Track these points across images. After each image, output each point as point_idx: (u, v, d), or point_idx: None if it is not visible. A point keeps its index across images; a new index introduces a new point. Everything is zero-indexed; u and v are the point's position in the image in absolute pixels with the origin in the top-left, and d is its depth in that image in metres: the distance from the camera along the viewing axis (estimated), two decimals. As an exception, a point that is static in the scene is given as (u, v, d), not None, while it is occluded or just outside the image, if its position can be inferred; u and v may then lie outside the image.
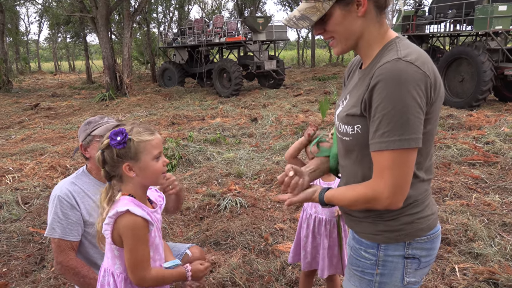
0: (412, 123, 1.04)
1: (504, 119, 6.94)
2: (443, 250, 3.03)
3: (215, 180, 4.88)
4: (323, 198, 1.27)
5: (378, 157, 1.09)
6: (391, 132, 1.05)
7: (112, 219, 1.34)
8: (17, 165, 5.44)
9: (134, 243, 1.35)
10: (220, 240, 3.32)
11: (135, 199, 1.40)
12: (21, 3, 24.52)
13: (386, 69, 1.06)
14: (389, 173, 1.08)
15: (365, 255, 1.24)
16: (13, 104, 12.95)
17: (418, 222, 1.19)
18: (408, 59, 1.06)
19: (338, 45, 1.21)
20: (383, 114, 1.05)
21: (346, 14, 1.13)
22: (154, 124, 8.45)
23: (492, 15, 8.67)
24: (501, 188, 4.30)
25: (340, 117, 1.23)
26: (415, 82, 1.04)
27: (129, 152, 1.36)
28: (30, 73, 30.12)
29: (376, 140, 1.08)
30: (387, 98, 1.04)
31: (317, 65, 25.49)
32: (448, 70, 9.55)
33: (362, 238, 1.26)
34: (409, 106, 1.04)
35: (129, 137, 1.36)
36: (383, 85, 1.05)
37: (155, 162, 1.41)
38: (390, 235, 1.19)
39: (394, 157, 1.06)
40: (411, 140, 1.05)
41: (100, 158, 1.37)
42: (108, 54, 13.91)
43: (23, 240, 3.41)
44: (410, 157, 1.07)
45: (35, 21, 57.19)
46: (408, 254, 1.20)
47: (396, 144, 1.05)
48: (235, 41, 13.81)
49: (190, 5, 27.78)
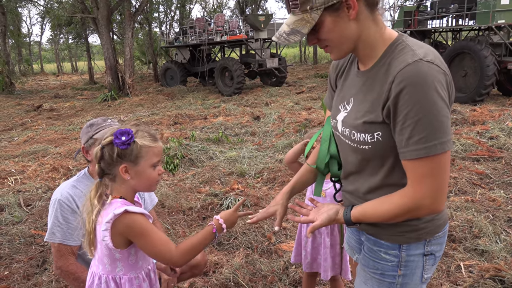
0: (446, 125, 1.01)
1: (508, 113, 6.86)
2: (448, 247, 2.99)
3: (218, 179, 4.86)
4: (350, 217, 1.21)
5: (415, 164, 1.04)
6: (429, 137, 1.00)
7: (110, 223, 1.30)
8: (19, 167, 5.45)
9: (146, 235, 1.33)
10: (223, 240, 3.30)
11: (127, 200, 1.38)
12: (22, 5, 24.61)
13: (410, 73, 1.01)
14: (430, 180, 1.04)
15: (386, 257, 1.21)
16: (16, 106, 12.99)
17: (437, 219, 1.18)
18: (429, 59, 1.02)
19: (334, 52, 1.15)
20: (418, 120, 1.00)
21: (337, 19, 1.07)
22: (157, 124, 8.44)
23: (494, 9, 8.59)
24: (506, 183, 4.26)
25: (353, 125, 1.16)
26: (439, 82, 1.01)
27: (130, 154, 1.33)
28: (32, 74, 30.21)
29: (412, 148, 1.02)
30: (419, 103, 0.99)
31: (319, 62, 25.42)
32: (451, 65, 9.47)
33: (381, 239, 1.21)
34: (441, 108, 1.00)
35: (134, 139, 1.33)
36: (412, 90, 1.00)
37: (152, 169, 1.38)
38: (412, 235, 1.17)
39: (434, 162, 1.02)
40: (448, 142, 1.02)
41: (98, 154, 1.34)
42: (110, 55, 13.91)
43: (25, 243, 3.40)
44: (448, 160, 1.04)
45: (37, 22, 57.37)
46: (427, 251, 1.19)
47: (437, 148, 1.01)
48: (237, 39, 13.78)
49: (191, 4, 27.78)
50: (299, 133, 6.86)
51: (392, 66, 1.06)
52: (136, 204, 1.47)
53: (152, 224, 1.38)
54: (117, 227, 1.31)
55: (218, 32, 14.36)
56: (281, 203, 1.46)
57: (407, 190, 1.08)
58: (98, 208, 1.34)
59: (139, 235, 1.32)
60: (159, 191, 4.32)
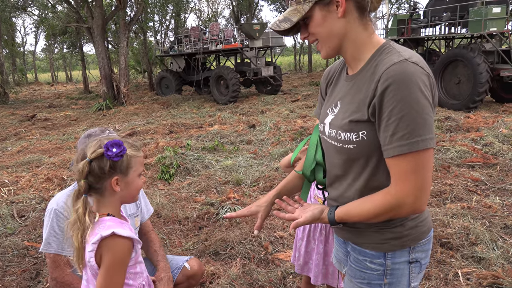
0: (429, 123, 1.04)
1: (502, 120, 6.92)
2: (446, 255, 2.98)
3: (214, 188, 4.83)
4: (334, 217, 1.21)
5: (399, 161, 1.05)
6: (412, 134, 1.02)
7: (96, 244, 1.26)
8: (13, 178, 5.39)
9: (113, 265, 1.27)
10: (219, 250, 3.27)
11: (115, 217, 1.34)
12: (17, 15, 24.59)
13: (395, 71, 1.04)
14: (413, 177, 1.05)
15: (371, 266, 1.21)
16: (10, 115, 12.90)
17: (421, 225, 1.18)
18: (413, 61, 1.06)
19: (322, 48, 1.20)
20: (401, 116, 1.02)
21: (327, 14, 1.13)
22: (152, 133, 8.41)
23: (486, 17, 8.70)
24: (501, 190, 4.27)
25: (339, 125, 1.18)
26: (423, 82, 1.04)
27: (122, 165, 1.32)
28: (27, 84, 30.10)
29: (396, 144, 1.04)
30: (403, 100, 1.02)
31: (314, 70, 25.56)
32: (444, 73, 9.57)
33: (366, 249, 1.22)
34: (425, 106, 1.03)
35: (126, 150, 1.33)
36: (396, 87, 1.03)
37: (138, 178, 1.39)
38: (396, 242, 1.17)
39: (417, 159, 1.04)
40: (431, 139, 1.04)
41: (85, 168, 1.28)
42: (105, 64, 13.90)
43: (18, 255, 3.35)
44: (430, 158, 1.06)
45: (31, 32, 57.28)
46: (412, 259, 1.19)
47: (419, 145, 1.02)
48: (232, 48, 13.83)
49: (186, 14, 27.90)
50: (295, 141, 6.86)
51: (379, 67, 1.09)
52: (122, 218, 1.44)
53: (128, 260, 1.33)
54: (101, 248, 1.27)
55: (213, 41, 14.41)
56: (265, 206, 1.46)
57: (390, 188, 1.09)
58: (91, 225, 1.29)
59: (111, 262, 1.27)
60: (154, 200, 4.29)
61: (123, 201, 1.40)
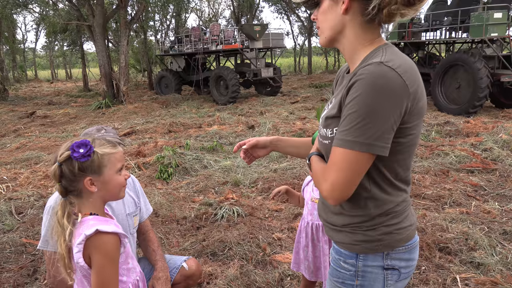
0: (374, 130, 1.01)
1: (502, 125, 6.93)
2: (444, 260, 2.98)
3: (212, 188, 4.82)
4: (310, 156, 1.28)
5: (332, 152, 1.10)
6: (348, 132, 1.04)
7: (82, 244, 1.25)
8: (11, 174, 5.37)
9: (105, 264, 1.26)
10: (217, 250, 3.25)
11: (98, 216, 1.32)
12: (18, 12, 24.55)
13: (366, 70, 1.04)
14: (334, 170, 1.08)
15: (345, 266, 1.23)
16: (9, 112, 12.87)
17: (396, 233, 1.17)
18: (390, 64, 1.03)
19: (320, 35, 1.23)
20: (349, 114, 1.04)
21: (333, 6, 1.15)
22: (151, 132, 8.40)
23: (487, 22, 8.71)
24: (500, 195, 4.27)
25: (322, 121, 1.24)
26: (391, 89, 1.01)
27: (92, 165, 1.28)
28: (26, 81, 30.03)
29: (337, 136, 1.09)
30: (356, 99, 1.03)
31: (313, 72, 25.58)
32: (444, 77, 9.58)
33: (341, 248, 1.24)
34: (377, 112, 1.01)
35: (94, 149, 1.29)
36: (358, 86, 1.03)
37: (118, 175, 1.35)
38: (368, 245, 1.17)
39: (344, 156, 1.06)
40: (366, 145, 1.03)
41: (57, 172, 1.26)
42: (105, 62, 13.89)
43: (16, 252, 3.34)
44: (360, 161, 1.05)
45: (32, 29, 57.21)
46: (387, 265, 1.18)
47: (347, 144, 1.05)
48: (232, 48, 13.84)
49: (187, 14, 27.89)
50: (294, 142, 6.84)
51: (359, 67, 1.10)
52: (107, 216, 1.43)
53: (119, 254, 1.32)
54: (88, 248, 1.26)
55: (214, 41, 14.41)
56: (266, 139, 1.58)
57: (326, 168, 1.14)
58: (70, 229, 1.27)
59: (101, 259, 1.26)
60: (152, 199, 4.28)
61: (106, 199, 1.38)
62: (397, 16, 1.09)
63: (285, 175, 5.05)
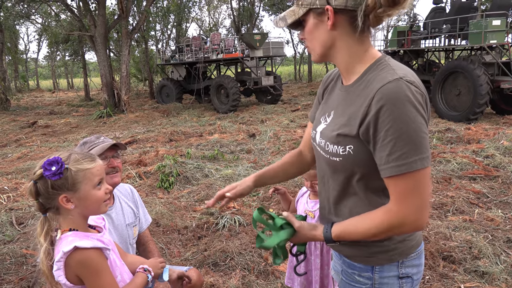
0: (425, 142, 1.03)
1: (503, 132, 6.92)
2: (448, 269, 2.95)
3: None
4: (330, 235, 1.19)
5: (397, 181, 1.05)
6: (410, 153, 1.01)
7: (61, 262, 1.22)
8: (12, 184, 5.36)
9: (96, 277, 1.25)
10: (219, 260, 3.23)
11: (78, 231, 1.29)
12: (20, 23, 24.77)
13: (389, 90, 1.02)
14: (413, 196, 1.04)
15: (360, 280, 1.21)
16: (11, 122, 12.90)
17: (409, 240, 1.18)
18: (408, 79, 1.04)
19: (312, 53, 1.21)
20: (398, 136, 1.01)
21: (318, 23, 1.14)
22: (152, 141, 8.40)
23: (486, 30, 8.75)
24: (503, 202, 4.25)
25: (328, 136, 1.18)
26: (418, 101, 1.03)
27: (65, 183, 1.25)
28: (28, 91, 30.19)
29: (393, 164, 1.03)
30: (399, 119, 1.00)
31: (314, 80, 25.65)
32: (444, 84, 9.60)
33: (354, 262, 1.22)
34: (421, 125, 1.02)
35: (66, 166, 1.25)
36: (391, 107, 1.01)
37: (96, 190, 1.30)
38: (384, 256, 1.17)
39: (416, 178, 1.03)
40: (427, 158, 1.04)
41: (32, 190, 1.25)
42: (106, 72, 13.95)
43: (16, 263, 3.31)
44: (428, 176, 1.05)
45: (34, 39, 57.67)
46: (402, 274, 1.18)
47: (417, 164, 1.02)
48: (233, 57, 13.90)
49: (187, 23, 28.10)
50: (295, 151, 6.84)
51: (373, 83, 1.08)
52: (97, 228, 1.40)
53: (106, 263, 1.30)
54: (70, 266, 1.23)
55: (214, 50, 14.49)
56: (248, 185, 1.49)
57: (391, 207, 1.08)
58: (46, 246, 1.25)
59: (89, 275, 1.24)
60: (153, 209, 4.26)
61: (86, 214, 1.34)
62: (385, 18, 1.08)
63: (287, 183, 5.03)
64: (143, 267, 1.46)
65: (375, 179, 1.11)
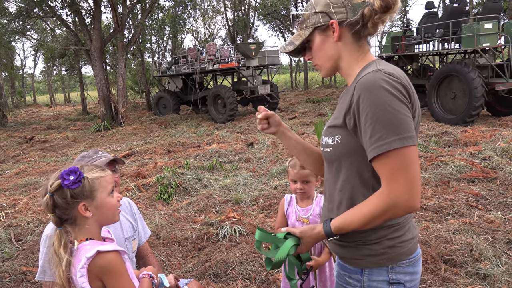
0: (405, 122, 1.07)
1: (499, 134, 6.95)
2: (450, 272, 2.94)
3: (213, 208, 4.79)
4: (330, 228, 1.22)
5: (383, 161, 1.09)
6: (389, 134, 1.07)
7: (85, 268, 1.24)
8: (10, 201, 5.34)
9: (119, 279, 1.28)
10: (220, 271, 3.21)
11: (95, 240, 1.32)
12: (16, 39, 24.88)
13: (367, 79, 1.11)
14: (402, 175, 1.07)
15: (350, 281, 1.24)
16: (8, 138, 12.89)
17: (399, 246, 1.19)
18: (387, 71, 1.12)
19: (321, 68, 1.32)
20: (376, 119, 1.08)
21: (325, 39, 1.25)
22: (150, 153, 8.39)
23: (478, 33, 8.84)
24: (502, 204, 4.25)
25: (324, 131, 1.30)
26: (394, 87, 1.09)
27: (84, 191, 1.29)
28: (25, 106, 30.19)
29: (375, 145, 1.09)
30: (375, 104, 1.08)
31: (310, 88, 25.76)
32: (440, 88, 9.65)
33: (346, 263, 1.26)
34: (399, 107, 1.08)
35: (83, 175, 1.30)
36: (368, 94, 1.10)
37: (110, 198, 1.35)
38: (372, 260, 1.19)
39: (400, 157, 1.07)
40: (409, 138, 1.07)
41: (49, 203, 1.27)
42: (103, 85, 13.99)
43: (15, 280, 3.29)
44: (413, 155, 1.09)
45: (31, 55, 57.75)
46: (392, 280, 1.19)
47: (397, 143, 1.06)
48: (229, 67, 13.98)
49: (183, 35, 28.26)
50: (294, 158, 6.84)
51: (357, 78, 1.18)
52: (107, 240, 1.43)
53: (125, 266, 1.34)
54: (93, 271, 1.26)
55: (210, 61, 14.57)
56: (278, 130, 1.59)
57: (382, 189, 1.11)
58: (67, 259, 1.27)
59: (113, 275, 1.28)
60: (153, 221, 4.25)
61: (102, 223, 1.38)
62: (380, 24, 1.18)
63: (286, 191, 5.02)
64: (147, 273, 1.48)
65: (365, 170, 1.17)
